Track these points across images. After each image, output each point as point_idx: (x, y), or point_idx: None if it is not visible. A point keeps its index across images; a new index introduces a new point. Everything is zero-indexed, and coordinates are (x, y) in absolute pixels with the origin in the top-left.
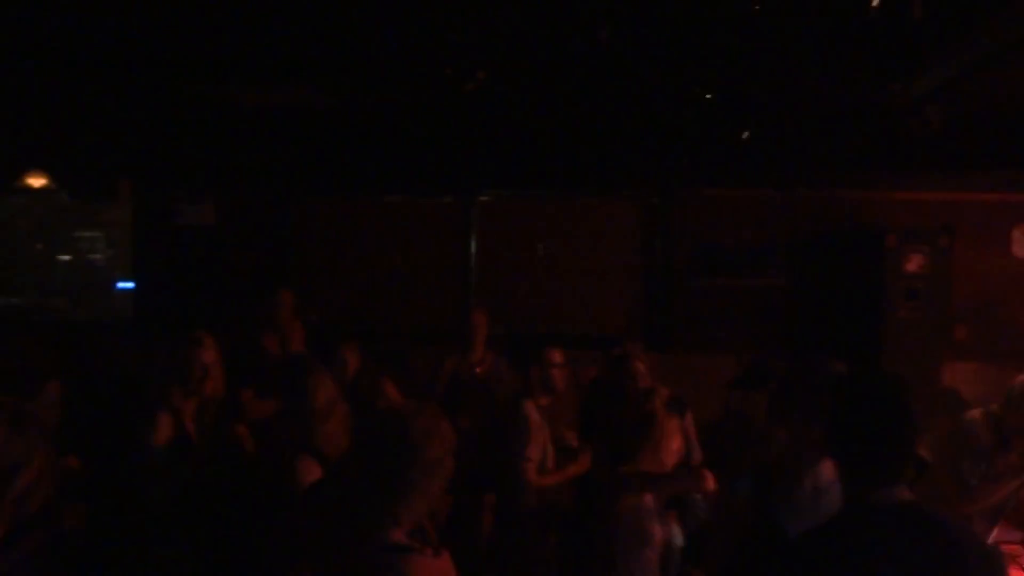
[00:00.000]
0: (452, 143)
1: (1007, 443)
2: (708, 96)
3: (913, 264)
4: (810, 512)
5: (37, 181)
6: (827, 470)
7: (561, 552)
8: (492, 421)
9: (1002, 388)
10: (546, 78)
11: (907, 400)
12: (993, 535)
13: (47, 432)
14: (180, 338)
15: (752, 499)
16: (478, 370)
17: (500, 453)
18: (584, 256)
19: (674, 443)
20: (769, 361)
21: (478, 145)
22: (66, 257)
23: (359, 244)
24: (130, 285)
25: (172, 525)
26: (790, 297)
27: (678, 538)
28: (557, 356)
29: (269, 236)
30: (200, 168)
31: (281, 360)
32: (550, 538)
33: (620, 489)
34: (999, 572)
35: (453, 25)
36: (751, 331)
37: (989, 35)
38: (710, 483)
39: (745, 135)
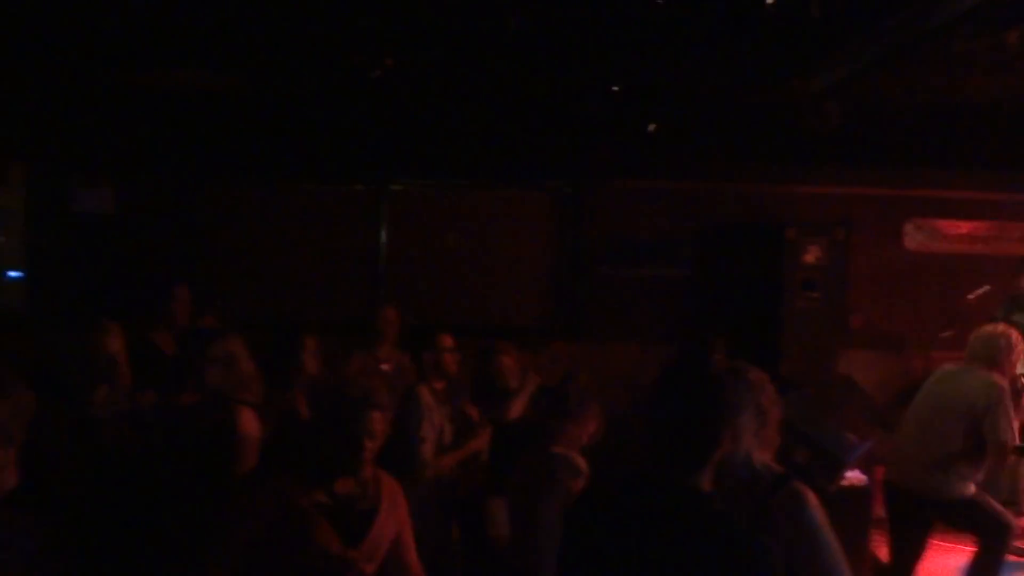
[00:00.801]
0: (363, 130)
1: None
2: (615, 88)
3: (811, 256)
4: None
5: None
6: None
7: (465, 542)
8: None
9: (894, 375)
10: (455, 66)
11: (706, 390)
12: None
13: None
14: (83, 327)
15: None
16: (384, 367)
17: (396, 438)
18: (495, 246)
19: (591, 426)
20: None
21: (389, 133)
22: None
23: (268, 233)
24: (21, 275)
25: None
26: (695, 287)
27: None
28: (448, 341)
29: (173, 224)
30: (98, 152)
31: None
32: (452, 527)
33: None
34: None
35: (361, 10)
36: (658, 320)
37: (885, 34)
38: None
39: (651, 127)
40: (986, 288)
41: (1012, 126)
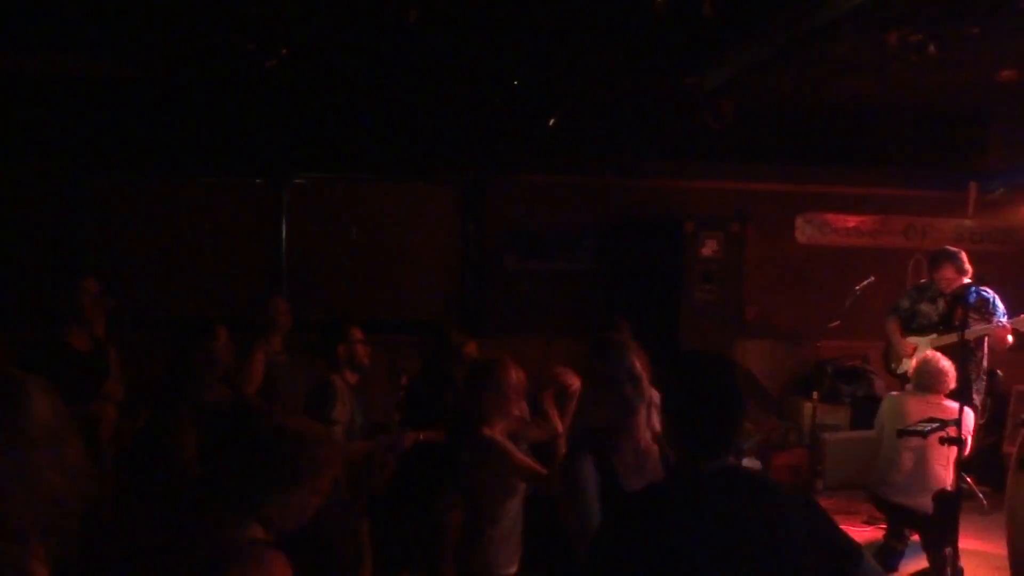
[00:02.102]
0: (262, 123)
1: None
2: (516, 82)
3: (708, 249)
4: (640, 474)
5: None
6: (641, 431)
7: (377, 535)
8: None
9: (787, 364)
10: (354, 58)
11: (732, 380)
12: None
13: None
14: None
15: (593, 462)
16: (283, 359)
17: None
18: (399, 241)
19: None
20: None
21: (290, 126)
22: None
23: (164, 227)
24: None
25: None
26: (597, 280)
27: None
28: (358, 333)
29: (61, 217)
30: None
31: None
32: (363, 519)
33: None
34: (819, 522)
35: None
36: (561, 314)
37: (772, 34)
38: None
39: (551, 122)
40: (871, 279)
41: (894, 124)
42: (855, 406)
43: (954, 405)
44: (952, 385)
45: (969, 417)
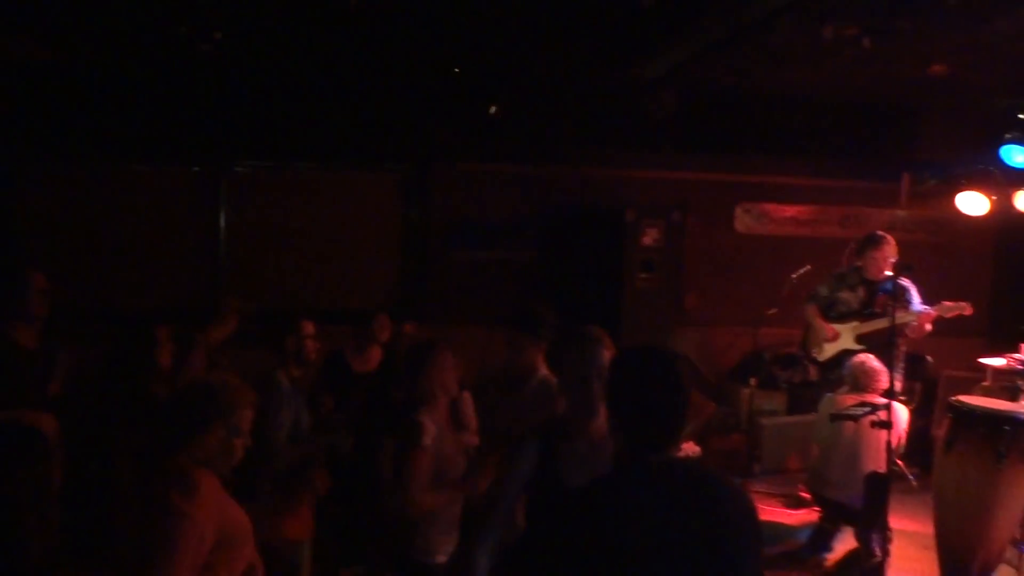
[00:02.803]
0: (198, 109)
1: None
2: (456, 70)
3: (649, 238)
4: (588, 466)
5: None
6: (600, 426)
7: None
8: None
9: (725, 351)
10: (292, 42)
11: (676, 374)
12: None
13: None
14: None
15: (536, 456)
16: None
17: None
18: (341, 229)
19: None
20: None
21: (227, 113)
22: None
23: (98, 217)
24: None
25: None
26: (540, 269)
27: None
28: (310, 327)
29: None
30: None
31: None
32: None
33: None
34: (750, 514)
35: None
36: (504, 303)
37: (710, 24)
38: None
39: (492, 110)
40: (807, 268)
41: (830, 116)
42: (791, 392)
43: (879, 399)
44: (885, 384)
45: (903, 413)
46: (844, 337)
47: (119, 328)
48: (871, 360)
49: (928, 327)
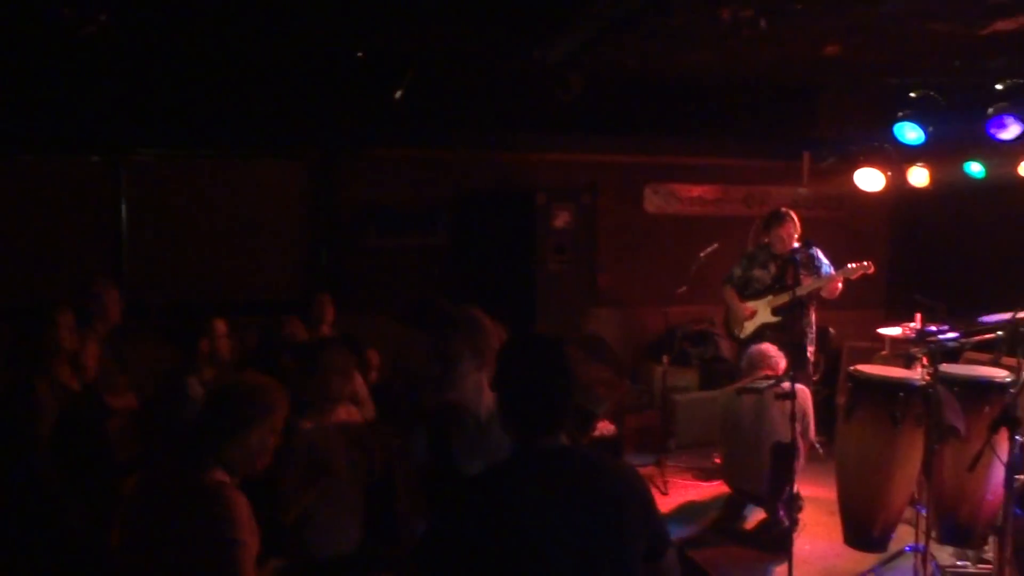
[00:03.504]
0: (93, 96)
1: None
2: (359, 54)
3: (560, 220)
4: (480, 449)
5: None
6: (488, 408)
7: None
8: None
9: (638, 330)
10: (189, 25)
11: (560, 360)
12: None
13: None
14: None
15: (428, 443)
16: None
17: (154, 431)
18: (247, 219)
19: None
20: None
21: (125, 99)
22: None
23: None
24: None
25: None
26: (452, 255)
27: None
28: (223, 326)
29: None
30: None
31: None
32: None
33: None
34: (642, 496)
35: None
36: (417, 290)
37: (612, 4)
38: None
39: (397, 95)
40: (714, 246)
41: (732, 97)
42: (703, 368)
43: (786, 384)
44: (783, 365)
45: (807, 396)
46: (761, 312)
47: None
48: (765, 346)
49: (839, 287)
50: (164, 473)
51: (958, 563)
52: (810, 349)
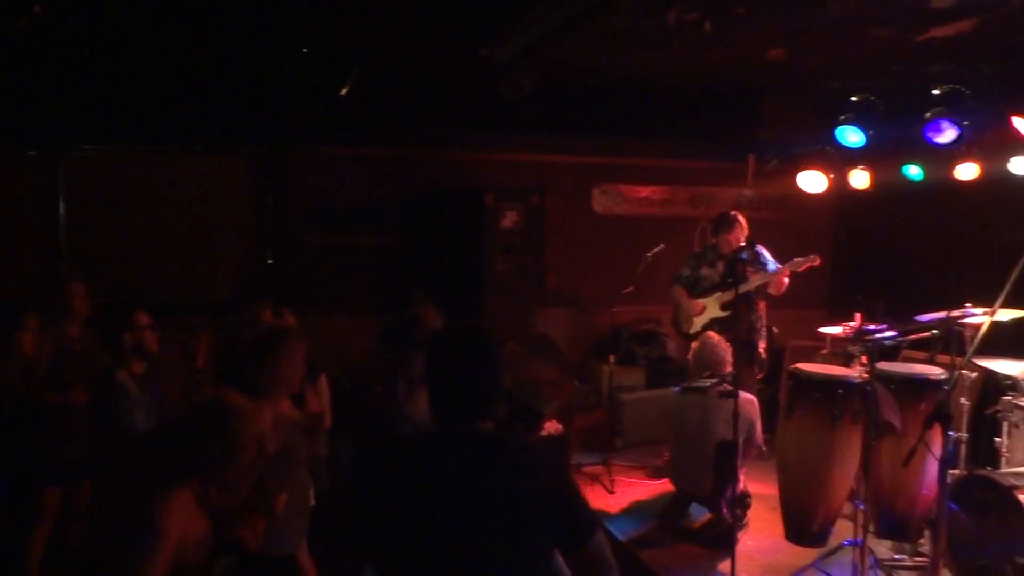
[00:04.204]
0: (30, 88)
1: None
2: (304, 50)
3: (508, 220)
4: None
5: None
6: (422, 411)
7: None
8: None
9: (586, 330)
10: (131, 18)
11: (483, 351)
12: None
13: None
14: None
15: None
16: (79, 347)
17: (100, 430)
18: (193, 216)
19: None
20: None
21: (64, 92)
22: None
23: None
24: None
25: None
26: (401, 253)
27: None
28: (144, 318)
29: None
30: None
31: None
32: None
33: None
34: (564, 491)
35: None
36: (366, 288)
37: (556, 5)
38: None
39: (343, 92)
40: (661, 247)
41: (680, 99)
42: (649, 367)
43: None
44: (729, 367)
45: (754, 408)
46: (710, 308)
47: None
48: (712, 342)
49: (786, 282)
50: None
51: (896, 556)
52: (761, 346)
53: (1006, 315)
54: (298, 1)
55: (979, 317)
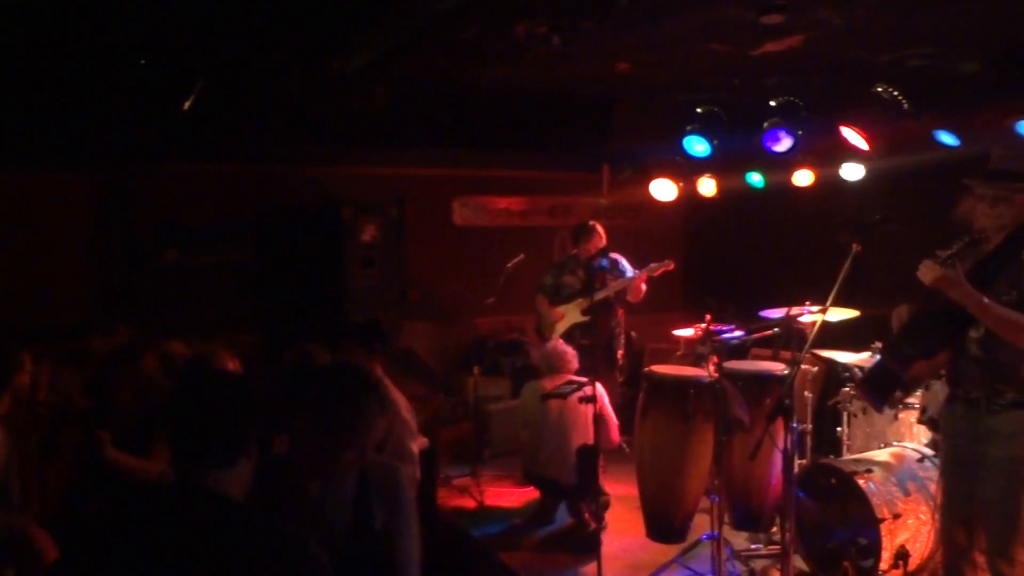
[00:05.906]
0: None
1: None
2: (143, 62)
3: (367, 234)
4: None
5: None
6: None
7: None
8: None
9: (450, 342)
10: None
11: (199, 390)
12: None
13: None
14: None
15: None
16: None
17: None
18: (28, 239)
19: None
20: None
21: None
22: None
23: None
24: None
25: None
26: (257, 271)
27: None
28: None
29: None
30: None
31: None
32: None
33: None
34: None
35: None
36: (222, 309)
37: (405, 16)
38: None
39: (186, 105)
40: (521, 257)
41: (537, 110)
42: (515, 376)
43: (583, 379)
44: (575, 364)
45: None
46: (570, 314)
47: None
48: (559, 344)
49: (643, 287)
50: None
51: (752, 546)
52: (620, 352)
53: (837, 315)
54: (137, 12)
55: (814, 315)
